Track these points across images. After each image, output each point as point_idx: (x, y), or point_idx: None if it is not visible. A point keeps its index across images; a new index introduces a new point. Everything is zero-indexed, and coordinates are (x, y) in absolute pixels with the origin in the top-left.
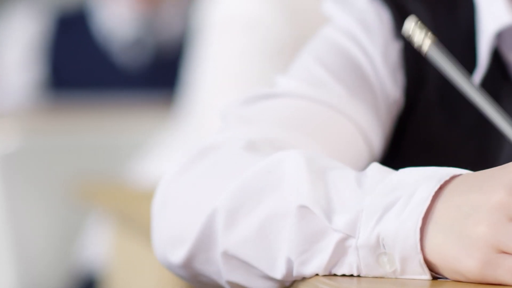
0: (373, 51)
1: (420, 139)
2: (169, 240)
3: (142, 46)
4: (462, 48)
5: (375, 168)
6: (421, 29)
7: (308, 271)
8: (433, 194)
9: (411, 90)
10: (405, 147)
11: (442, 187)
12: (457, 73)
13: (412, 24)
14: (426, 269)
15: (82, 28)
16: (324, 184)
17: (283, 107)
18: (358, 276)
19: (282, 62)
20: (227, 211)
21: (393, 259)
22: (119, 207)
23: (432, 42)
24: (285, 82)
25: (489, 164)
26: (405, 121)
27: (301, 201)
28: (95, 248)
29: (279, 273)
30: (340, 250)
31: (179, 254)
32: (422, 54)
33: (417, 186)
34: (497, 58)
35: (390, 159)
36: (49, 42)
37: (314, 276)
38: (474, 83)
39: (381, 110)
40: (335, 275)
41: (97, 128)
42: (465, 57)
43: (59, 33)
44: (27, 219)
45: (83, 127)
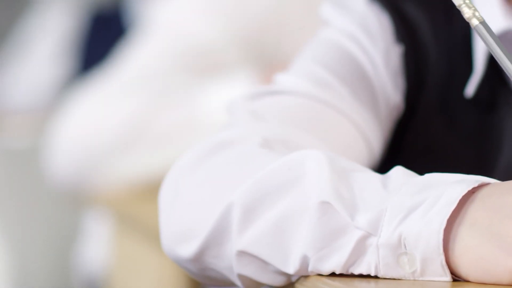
0: (375, 55)
1: (420, 143)
2: (179, 233)
3: None
4: (459, 53)
5: (399, 171)
6: (469, 7)
7: (326, 268)
8: (460, 197)
9: (411, 94)
10: (405, 150)
11: (472, 192)
12: (502, 50)
13: (461, 1)
14: (447, 270)
15: (116, 26)
16: (347, 183)
17: (290, 105)
18: (376, 277)
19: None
20: (243, 207)
21: (414, 259)
22: (119, 206)
23: (480, 21)
24: (289, 79)
25: (488, 168)
26: (405, 125)
27: (323, 197)
28: (94, 248)
29: (292, 268)
30: (360, 248)
31: (190, 248)
32: (472, 27)
33: (445, 188)
34: (494, 63)
35: (390, 162)
36: (82, 38)
37: (316, 275)
38: None
39: (381, 113)
40: (350, 276)
41: None
42: (461, 61)
43: (93, 30)
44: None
45: None
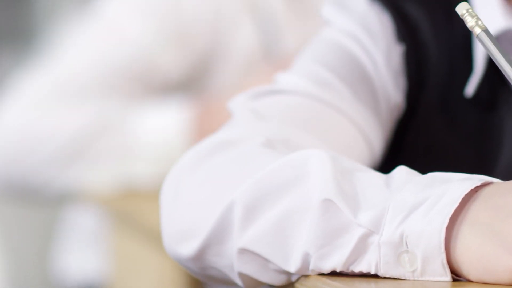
0: (376, 54)
1: (420, 143)
2: (180, 232)
3: None
4: (460, 52)
5: (402, 170)
6: (472, 16)
7: (327, 266)
8: (463, 195)
9: (412, 94)
10: (405, 150)
11: (475, 191)
12: (505, 58)
13: (464, 10)
14: (448, 270)
15: None
16: (350, 182)
17: (291, 104)
18: (376, 277)
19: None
20: (245, 205)
21: (415, 258)
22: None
23: (482, 30)
24: (290, 79)
25: (488, 168)
26: (406, 124)
27: (325, 195)
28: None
29: (293, 266)
30: (361, 246)
31: (191, 246)
32: (474, 36)
33: (447, 187)
34: (494, 63)
35: (390, 162)
36: None
37: (316, 275)
38: None
39: (382, 113)
40: (350, 276)
41: None
42: (462, 61)
43: None
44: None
45: None
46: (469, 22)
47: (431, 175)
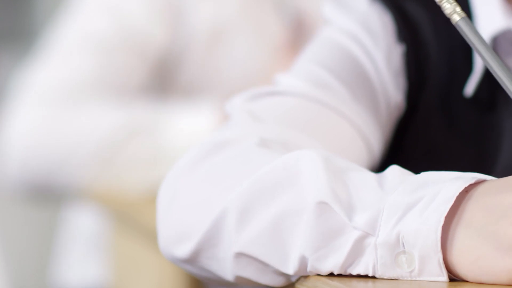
0: (377, 54)
1: (421, 143)
2: (175, 234)
3: None
4: (459, 52)
5: (395, 170)
6: (450, 2)
7: (324, 269)
8: (457, 194)
9: (412, 94)
10: (405, 150)
11: (469, 190)
12: (483, 45)
13: None
14: (444, 269)
15: None
16: (343, 183)
17: (288, 106)
18: (374, 278)
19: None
20: (239, 208)
21: (412, 258)
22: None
23: (461, 17)
24: (288, 80)
25: (487, 167)
26: (406, 124)
27: (320, 197)
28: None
29: (291, 268)
30: (358, 248)
31: (185, 249)
32: (453, 23)
33: (442, 186)
34: None
35: (390, 162)
36: None
37: (315, 275)
38: (499, 57)
39: (382, 114)
40: (349, 276)
41: None
42: (462, 61)
43: None
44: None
45: None
46: (447, 9)
47: (424, 174)
